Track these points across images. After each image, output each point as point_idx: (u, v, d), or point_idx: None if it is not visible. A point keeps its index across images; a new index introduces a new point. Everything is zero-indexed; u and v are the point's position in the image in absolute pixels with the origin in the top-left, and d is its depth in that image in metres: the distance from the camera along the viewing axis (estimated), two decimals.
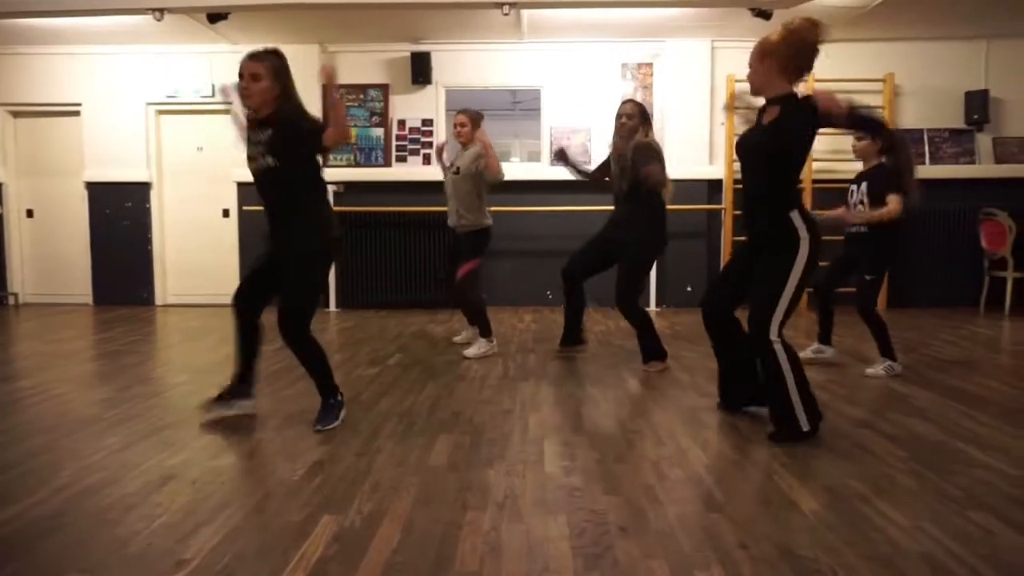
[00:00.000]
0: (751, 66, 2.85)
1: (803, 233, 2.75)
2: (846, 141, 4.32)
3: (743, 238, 3.03)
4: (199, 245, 7.32)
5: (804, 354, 4.28)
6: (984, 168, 6.93)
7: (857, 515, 2.06)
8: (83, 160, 7.19)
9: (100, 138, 7.14)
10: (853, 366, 4.15)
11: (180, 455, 2.62)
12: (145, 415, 3.17)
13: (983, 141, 6.96)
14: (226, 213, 7.25)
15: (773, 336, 2.75)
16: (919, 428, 2.92)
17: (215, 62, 7.05)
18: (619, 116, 4.15)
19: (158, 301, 7.30)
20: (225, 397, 3.10)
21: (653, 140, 4.15)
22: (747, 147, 2.91)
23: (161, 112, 7.24)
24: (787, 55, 2.73)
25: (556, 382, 3.81)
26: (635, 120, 4.11)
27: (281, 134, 2.86)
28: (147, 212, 7.24)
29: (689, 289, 6.93)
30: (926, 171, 6.89)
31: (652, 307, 6.86)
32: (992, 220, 6.37)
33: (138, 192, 7.21)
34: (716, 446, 2.72)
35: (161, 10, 5.57)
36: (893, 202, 3.76)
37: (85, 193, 7.22)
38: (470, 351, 4.55)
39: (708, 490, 2.26)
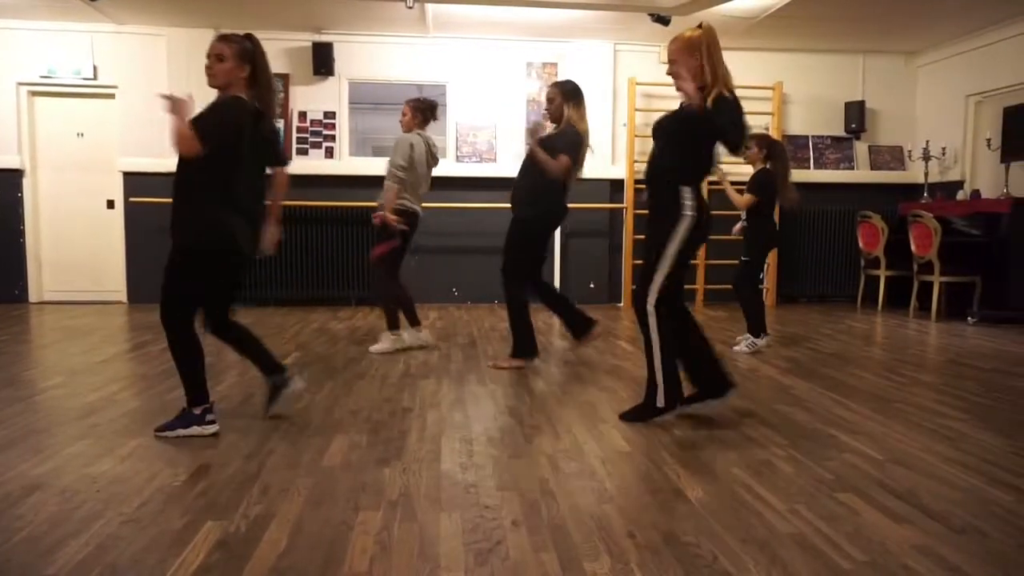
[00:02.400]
0: (673, 62, 2.96)
1: (688, 211, 2.86)
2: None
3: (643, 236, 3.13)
4: (80, 238, 6.85)
5: (740, 348, 4.62)
6: (861, 173, 7.46)
7: (738, 501, 2.16)
8: None
9: None
10: (741, 359, 4.36)
11: (49, 463, 2.44)
12: (10, 421, 2.93)
13: (860, 148, 7.49)
14: (111, 204, 6.82)
15: (649, 306, 2.91)
16: (798, 417, 3.11)
17: (97, 41, 6.62)
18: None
19: (32, 298, 6.78)
20: (276, 393, 2.99)
21: (576, 126, 3.98)
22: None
23: (35, 93, 6.72)
24: None
25: (457, 379, 3.80)
26: (557, 101, 4.03)
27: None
28: (19, 202, 6.70)
29: (592, 286, 7.09)
30: (811, 175, 7.35)
31: None
32: (867, 222, 6.85)
33: (8, 180, 6.67)
34: (611, 439, 2.78)
35: None
36: (744, 199, 4.61)
37: None
38: (374, 346, 4.48)
39: (600, 482, 2.32)
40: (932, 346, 5.05)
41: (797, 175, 7.27)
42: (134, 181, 6.66)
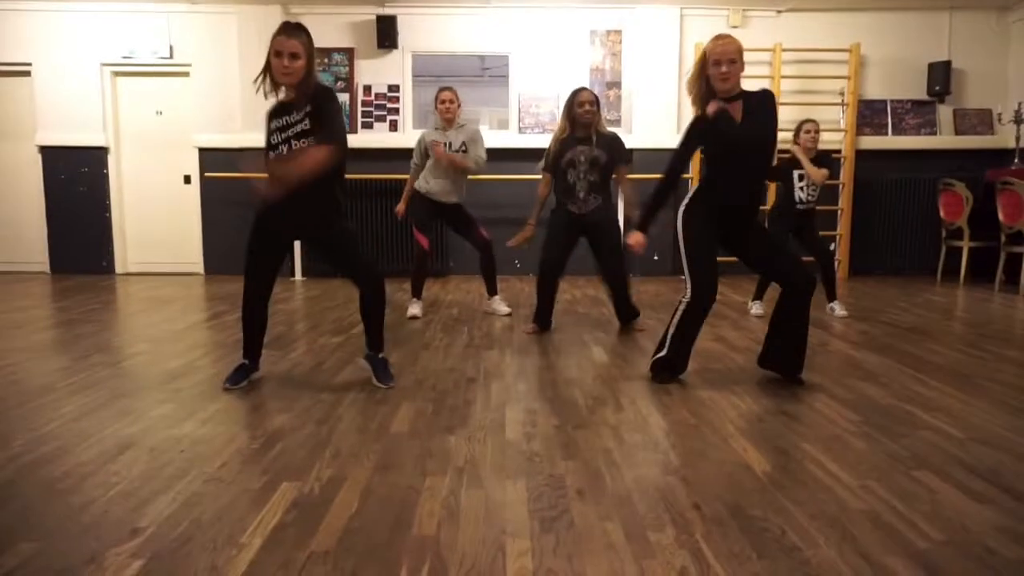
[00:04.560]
0: (735, 62, 2.91)
1: None
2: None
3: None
4: (160, 212, 7.16)
5: (755, 311, 4.84)
6: (944, 139, 7.05)
7: (807, 476, 2.12)
8: (35, 123, 6.95)
9: (53, 100, 6.91)
10: (812, 334, 4.23)
11: (138, 424, 2.59)
12: (102, 384, 3.12)
13: (944, 112, 7.07)
14: (187, 179, 7.09)
15: None
16: (871, 392, 3.01)
17: (173, 21, 6.83)
18: (582, 103, 4.12)
19: (118, 269, 7.15)
20: (246, 374, 3.12)
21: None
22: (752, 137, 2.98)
23: (117, 74, 7.01)
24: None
25: (520, 351, 3.83)
26: (596, 107, 4.18)
27: (322, 110, 2.84)
28: (105, 178, 7.04)
29: (656, 258, 6.98)
30: (888, 142, 7.01)
31: None
32: (950, 191, 6.50)
33: (95, 157, 7.01)
34: (675, 411, 2.76)
35: None
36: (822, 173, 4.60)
37: (38, 157, 6.99)
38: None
39: (665, 454, 2.31)
40: (1019, 321, 4.78)
41: (873, 142, 6.98)
42: (209, 157, 6.90)
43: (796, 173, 4.65)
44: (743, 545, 1.70)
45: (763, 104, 2.99)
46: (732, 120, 2.96)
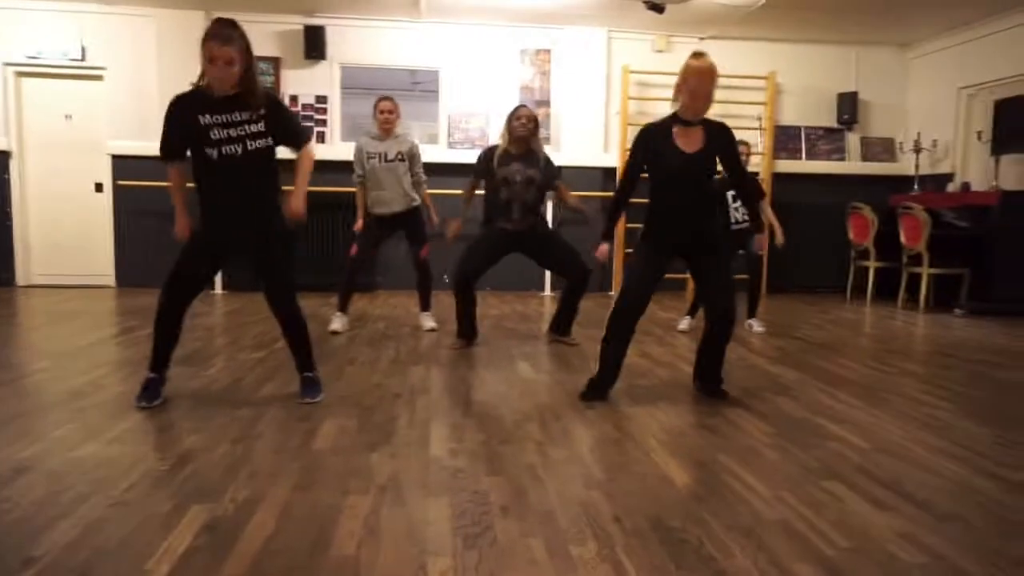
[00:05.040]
0: (710, 87, 2.93)
1: None
2: None
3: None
4: (68, 221, 6.79)
5: (681, 327, 4.98)
6: (852, 165, 7.48)
7: (724, 487, 2.18)
8: None
9: None
10: (731, 349, 4.37)
11: (35, 446, 2.43)
12: None
13: (852, 140, 7.50)
14: (99, 187, 6.75)
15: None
16: (786, 406, 3.13)
17: (85, 22, 6.53)
18: (519, 117, 4.15)
19: (20, 281, 6.73)
20: (154, 389, 2.96)
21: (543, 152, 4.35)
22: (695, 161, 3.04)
23: (22, 74, 6.62)
24: None
25: (447, 366, 3.80)
26: (532, 127, 4.21)
27: (279, 115, 2.88)
28: (6, 184, 6.63)
29: None
30: (802, 166, 7.38)
31: (547, 291, 6.98)
32: (858, 213, 6.88)
33: None
34: (600, 426, 2.79)
35: None
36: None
37: None
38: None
39: (588, 468, 2.33)
40: (920, 337, 5.09)
41: (788, 166, 7.33)
42: (122, 164, 6.60)
43: (729, 194, 4.81)
44: (663, 557, 1.72)
45: (721, 136, 3.06)
46: (678, 151, 3.00)
